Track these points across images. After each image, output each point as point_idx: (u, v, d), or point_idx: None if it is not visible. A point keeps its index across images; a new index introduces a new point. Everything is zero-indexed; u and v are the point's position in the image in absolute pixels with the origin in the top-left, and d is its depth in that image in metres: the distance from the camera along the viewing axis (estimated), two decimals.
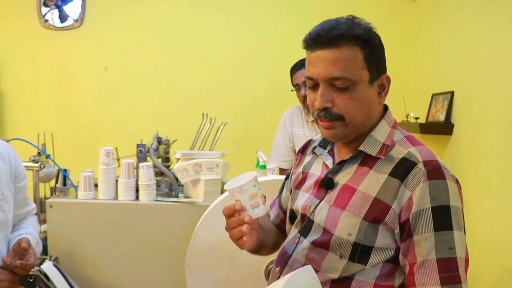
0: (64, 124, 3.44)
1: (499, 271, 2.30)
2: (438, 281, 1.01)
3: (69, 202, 2.08)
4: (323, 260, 1.12)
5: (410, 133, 1.19)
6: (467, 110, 2.68)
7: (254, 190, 1.13)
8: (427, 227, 1.04)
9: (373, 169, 1.11)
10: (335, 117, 1.10)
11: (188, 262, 1.83)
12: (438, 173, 1.06)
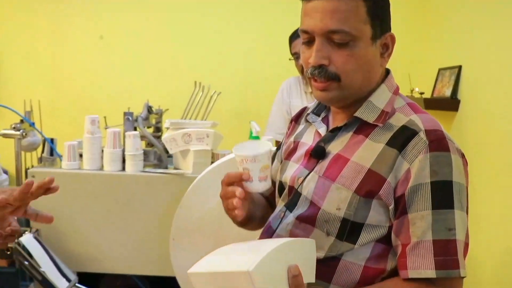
0: (57, 92, 3.35)
1: (503, 254, 2.23)
2: (432, 265, 0.89)
3: (52, 172, 1.97)
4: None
5: (413, 101, 1.06)
6: (475, 86, 2.58)
7: (267, 162, 1.01)
8: (425, 204, 0.92)
9: (369, 138, 0.99)
10: (330, 77, 0.97)
11: (173, 237, 1.74)
12: (442, 144, 0.93)
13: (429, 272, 0.89)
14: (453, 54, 2.87)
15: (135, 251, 1.96)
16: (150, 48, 3.40)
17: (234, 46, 3.38)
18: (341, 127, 1.04)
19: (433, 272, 0.88)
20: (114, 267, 1.99)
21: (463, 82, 2.70)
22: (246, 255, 0.87)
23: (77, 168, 1.99)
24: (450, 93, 2.74)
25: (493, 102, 2.37)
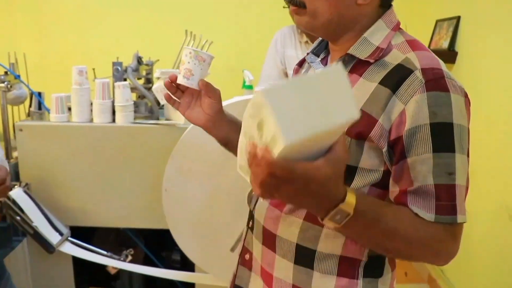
0: (43, 45, 3.25)
1: (495, 206, 2.21)
2: (434, 209, 0.84)
3: (41, 125, 1.92)
4: None
5: (415, 38, 0.97)
6: (474, 37, 2.51)
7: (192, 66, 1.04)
8: (425, 147, 0.84)
9: (363, 77, 0.91)
10: (296, 3, 0.92)
11: (165, 187, 1.70)
12: (440, 84, 0.85)
13: (429, 215, 0.84)
14: (452, 4, 2.79)
15: (128, 204, 1.93)
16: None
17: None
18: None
19: (433, 215, 0.84)
20: (106, 221, 1.97)
21: (461, 33, 2.63)
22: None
23: (66, 121, 1.93)
24: (448, 45, 2.67)
25: (492, 55, 2.31)
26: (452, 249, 0.87)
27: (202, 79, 1.07)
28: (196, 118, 1.11)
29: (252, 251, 1.10)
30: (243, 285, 1.13)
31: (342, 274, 0.96)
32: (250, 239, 1.10)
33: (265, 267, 1.05)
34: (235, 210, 1.64)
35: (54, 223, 1.83)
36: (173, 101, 1.11)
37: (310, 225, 0.95)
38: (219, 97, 1.10)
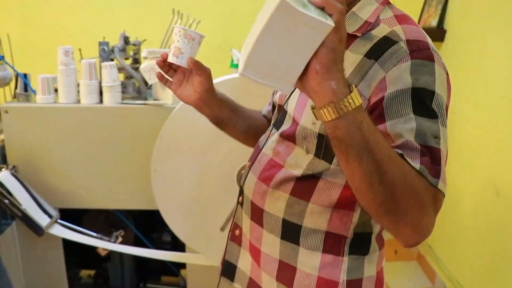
0: (28, 26, 3.19)
1: (482, 181, 2.22)
2: (419, 159, 0.77)
3: (27, 107, 1.89)
4: (289, 155, 0.96)
5: (404, 13, 0.95)
6: (462, 16, 2.50)
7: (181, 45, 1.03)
8: (407, 110, 0.80)
9: (349, 49, 0.90)
10: None
11: (154, 168, 1.69)
12: (424, 53, 0.83)
13: (413, 163, 0.76)
14: None
15: (117, 185, 1.92)
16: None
17: None
18: None
19: (417, 165, 0.76)
20: (96, 203, 1.96)
21: (450, 11, 2.61)
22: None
23: (53, 102, 1.91)
24: (437, 22, 2.66)
25: (481, 32, 2.30)
26: (431, 217, 0.78)
27: (192, 57, 1.06)
28: (187, 97, 1.10)
29: (242, 227, 1.10)
30: (233, 260, 1.14)
31: (327, 250, 0.97)
32: (240, 214, 1.10)
33: (253, 242, 1.06)
34: (225, 189, 1.64)
35: (43, 206, 1.81)
36: (165, 80, 1.11)
37: (296, 200, 0.95)
38: (209, 76, 1.10)
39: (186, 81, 1.10)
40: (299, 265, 0.98)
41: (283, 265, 1.00)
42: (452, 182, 2.49)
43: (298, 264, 0.98)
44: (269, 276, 1.03)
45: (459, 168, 2.43)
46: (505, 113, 2.05)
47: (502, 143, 2.07)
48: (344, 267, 0.97)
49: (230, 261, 1.14)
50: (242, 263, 1.12)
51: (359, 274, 0.98)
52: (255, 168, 1.04)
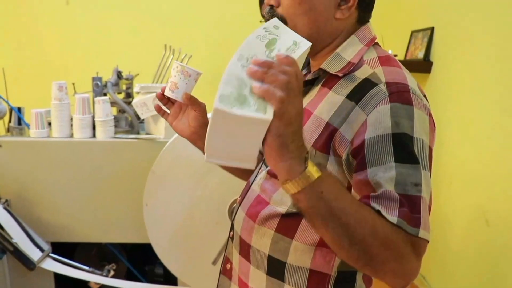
0: (22, 59, 3.26)
1: (472, 211, 2.27)
2: (396, 213, 0.79)
3: (20, 141, 1.92)
4: (274, 192, 0.99)
5: (389, 54, 0.98)
6: (447, 48, 2.60)
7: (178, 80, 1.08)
8: (387, 157, 0.82)
9: (332, 90, 0.94)
10: (277, 18, 0.92)
11: (146, 202, 1.72)
12: (403, 96, 0.86)
13: (390, 217, 0.78)
14: (426, 15, 2.89)
15: (109, 218, 1.94)
16: (118, 11, 3.34)
17: (205, 8, 3.35)
18: (313, 80, 1.02)
19: (395, 218, 0.78)
20: (88, 236, 1.97)
21: (435, 44, 2.71)
22: None
23: (46, 136, 1.94)
24: (423, 55, 2.75)
25: (465, 64, 2.39)
26: (413, 264, 0.80)
27: (187, 92, 1.10)
28: (182, 130, 1.14)
29: (232, 261, 1.12)
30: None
31: (312, 286, 0.97)
32: (231, 249, 1.13)
33: (242, 277, 1.08)
34: (217, 223, 1.67)
35: (35, 239, 1.83)
36: (162, 111, 1.15)
37: (281, 237, 0.97)
38: (204, 111, 1.13)
39: (182, 114, 1.13)
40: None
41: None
42: (444, 212, 2.54)
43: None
44: None
45: (449, 199, 2.48)
46: (493, 143, 2.11)
47: (491, 173, 2.13)
48: None
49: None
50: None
51: None
52: (244, 203, 1.06)
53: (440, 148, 2.62)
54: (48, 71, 3.21)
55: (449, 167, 2.49)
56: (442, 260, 2.57)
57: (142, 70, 2.32)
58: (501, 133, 2.06)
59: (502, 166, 2.04)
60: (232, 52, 1.94)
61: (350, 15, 0.96)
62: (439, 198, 2.63)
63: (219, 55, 3.32)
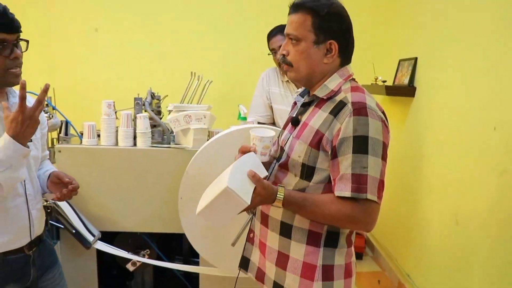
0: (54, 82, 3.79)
1: (449, 217, 2.70)
2: (350, 189, 1.38)
3: (75, 148, 2.48)
4: (284, 178, 1.57)
5: (358, 85, 1.57)
6: (428, 75, 3.07)
7: (268, 144, 1.60)
8: (348, 150, 1.39)
9: (321, 109, 1.52)
10: (287, 63, 1.55)
11: (181, 196, 2.27)
12: (362, 112, 1.40)
13: (346, 193, 1.38)
14: (410, 46, 3.40)
15: (146, 212, 2.49)
16: (141, 39, 3.92)
17: (224, 42, 3.97)
18: (310, 102, 1.59)
19: (349, 193, 1.38)
20: (127, 226, 2.52)
21: (418, 71, 3.20)
22: (221, 182, 1.40)
23: (96, 144, 2.50)
24: (408, 81, 3.24)
25: (443, 89, 2.84)
26: (366, 221, 1.42)
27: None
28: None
29: (254, 230, 1.69)
30: (247, 255, 1.72)
31: (309, 243, 1.53)
32: (254, 222, 1.69)
33: (261, 239, 1.64)
34: (241, 214, 2.21)
35: (87, 226, 2.37)
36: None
37: None
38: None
39: None
40: (291, 253, 1.55)
41: (280, 254, 1.57)
42: (424, 216, 3.05)
43: (290, 253, 1.55)
44: (271, 263, 1.61)
45: (429, 204, 2.95)
46: (464, 157, 2.55)
47: (461, 182, 2.56)
48: (320, 255, 1.52)
49: (246, 256, 1.73)
50: (253, 257, 1.70)
51: (331, 261, 1.53)
52: None
53: (421, 161, 3.12)
54: (79, 91, 3.77)
55: (429, 178, 2.96)
56: (422, 258, 3.03)
57: (170, 92, 2.87)
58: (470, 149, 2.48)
59: (471, 177, 2.47)
60: (244, 79, 2.54)
61: (334, 60, 1.55)
62: (420, 204, 3.08)
63: (234, 80, 3.94)
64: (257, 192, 1.42)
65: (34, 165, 1.76)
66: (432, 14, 3.09)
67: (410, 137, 3.35)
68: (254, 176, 1.42)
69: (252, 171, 1.42)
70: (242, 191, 1.35)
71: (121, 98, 2.71)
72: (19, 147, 1.49)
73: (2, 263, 1.64)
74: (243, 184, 1.39)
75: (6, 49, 1.56)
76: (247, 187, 1.39)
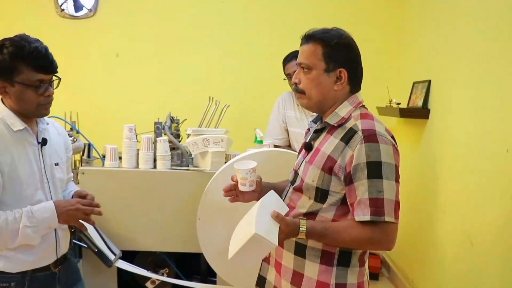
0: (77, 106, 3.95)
1: (463, 239, 2.72)
2: (369, 213, 1.46)
3: (98, 170, 2.60)
4: (298, 200, 1.66)
5: (368, 112, 1.64)
6: (442, 97, 3.12)
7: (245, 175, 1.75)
8: (363, 176, 1.47)
9: (332, 135, 1.60)
10: (300, 91, 1.65)
11: (199, 217, 2.36)
12: (372, 138, 1.48)
13: (366, 217, 1.46)
14: (424, 69, 3.47)
15: (165, 232, 2.59)
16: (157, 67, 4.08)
17: (240, 67, 4.10)
18: (322, 129, 1.68)
19: (368, 217, 1.46)
20: (147, 245, 2.62)
21: (432, 93, 3.26)
22: (248, 226, 1.49)
23: (117, 166, 2.62)
24: (422, 103, 3.29)
25: (457, 110, 2.88)
26: (386, 241, 1.49)
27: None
28: (250, 198, 1.86)
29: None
30: (264, 274, 1.80)
31: (323, 262, 1.60)
32: None
33: (277, 259, 1.72)
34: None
35: (109, 245, 2.47)
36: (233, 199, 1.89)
37: None
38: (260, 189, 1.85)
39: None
40: (306, 272, 1.62)
41: (295, 273, 1.65)
42: (439, 236, 3.08)
43: (305, 271, 1.63)
44: (286, 282, 1.68)
45: (443, 225, 2.99)
46: (477, 179, 2.58)
47: (475, 204, 2.60)
48: (333, 274, 1.60)
49: (262, 275, 1.80)
50: (269, 276, 1.77)
51: (344, 280, 1.60)
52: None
53: (435, 183, 3.18)
54: (101, 115, 3.92)
55: (443, 199, 3.00)
56: (438, 279, 3.05)
57: (188, 116, 2.98)
58: (484, 171, 2.50)
59: (484, 199, 2.49)
60: (259, 102, 2.63)
61: (343, 87, 1.64)
62: (435, 225, 3.12)
63: (250, 104, 4.05)
64: (282, 230, 1.50)
65: (60, 187, 1.87)
66: (445, 37, 3.15)
67: (424, 159, 3.40)
68: (277, 216, 1.50)
69: (275, 212, 1.51)
70: (269, 234, 1.44)
71: (141, 122, 2.83)
72: (54, 216, 1.70)
73: (31, 280, 1.74)
74: (269, 226, 1.48)
75: (41, 88, 1.69)
76: (273, 228, 1.48)
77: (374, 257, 3.80)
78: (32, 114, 1.74)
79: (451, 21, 3.06)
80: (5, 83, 1.65)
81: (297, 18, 4.00)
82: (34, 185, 1.73)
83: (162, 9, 4.06)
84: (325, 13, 4.01)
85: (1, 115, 1.69)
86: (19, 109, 1.70)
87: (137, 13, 4.06)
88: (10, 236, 1.64)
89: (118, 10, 4.05)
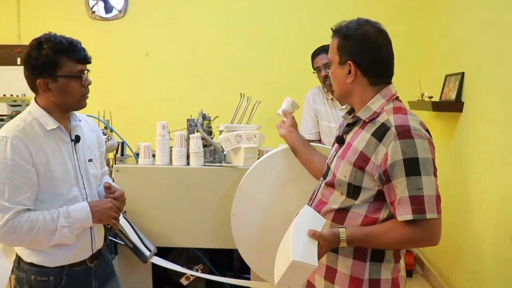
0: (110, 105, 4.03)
1: (502, 234, 2.67)
2: (410, 211, 1.44)
3: (132, 167, 2.64)
4: (330, 196, 1.65)
5: (401, 105, 1.61)
6: (476, 90, 3.09)
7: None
8: (400, 173, 1.45)
9: (364, 130, 1.59)
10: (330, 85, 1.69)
11: (233, 212, 2.37)
12: (407, 134, 1.46)
13: (408, 216, 1.44)
14: (457, 61, 3.42)
15: (199, 229, 2.61)
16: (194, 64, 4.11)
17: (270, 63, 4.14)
18: (352, 123, 1.68)
19: (411, 216, 1.44)
20: (181, 242, 2.65)
21: (465, 86, 3.22)
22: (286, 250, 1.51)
23: (151, 164, 2.65)
24: (455, 96, 3.26)
25: (492, 103, 2.85)
26: (430, 237, 1.47)
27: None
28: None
29: None
30: None
31: (356, 257, 1.60)
32: None
33: None
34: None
35: (144, 241, 2.51)
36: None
37: (335, 224, 1.61)
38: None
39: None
40: (339, 268, 1.63)
41: (329, 268, 1.66)
42: (476, 230, 3.03)
43: (338, 267, 1.63)
44: (320, 277, 1.68)
45: (480, 219, 2.95)
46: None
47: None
48: (367, 270, 1.59)
49: None
50: None
51: (378, 275, 1.60)
52: (312, 205, 1.72)
53: (470, 177, 3.13)
54: (133, 113, 3.99)
55: (479, 193, 2.96)
56: (475, 276, 3.01)
57: (220, 113, 3.00)
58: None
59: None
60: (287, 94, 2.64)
61: (357, 79, 1.62)
62: (471, 220, 3.08)
63: (280, 99, 4.04)
64: (321, 245, 1.51)
65: (94, 183, 1.92)
66: (478, 28, 3.11)
67: (458, 153, 3.35)
68: (314, 235, 1.50)
69: (311, 231, 1.51)
70: (307, 257, 1.45)
71: (173, 119, 2.86)
72: (88, 217, 1.76)
73: (68, 274, 1.80)
74: (307, 247, 1.48)
75: (83, 78, 1.76)
76: (311, 248, 1.49)
77: (407, 253, 3.76)
78: (75, 106, 1.80)
79: (489, 10, 2.99)
80: (48, 80, 1.70)
81: (327, 13, 3.98)
82: (69, 182, 1.78)
83: (190, 8, 4.10)
84: (359, 7, 3.99)
85: (35, 115, 1.74)
86: (63, 103, 1.75)
87: (166, 12, 4.12)
88: (47, 236, 1.69)
89: (147, 10, 4.12)
